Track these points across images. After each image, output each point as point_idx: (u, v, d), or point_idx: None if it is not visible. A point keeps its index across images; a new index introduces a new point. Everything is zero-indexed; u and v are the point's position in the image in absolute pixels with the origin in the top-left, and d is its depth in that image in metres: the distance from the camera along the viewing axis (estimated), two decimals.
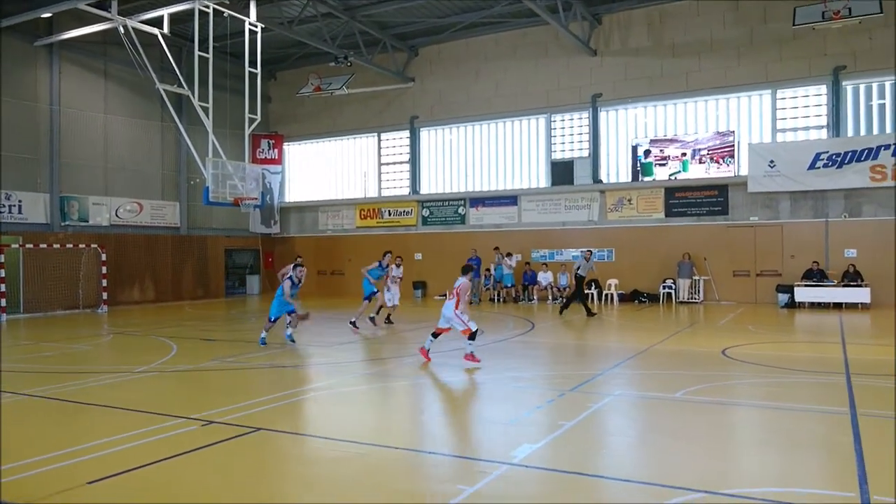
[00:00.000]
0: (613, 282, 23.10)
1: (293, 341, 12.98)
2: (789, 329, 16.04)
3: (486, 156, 26.95)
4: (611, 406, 7.96)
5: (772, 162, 21.30)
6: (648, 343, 13.08)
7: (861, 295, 19.45)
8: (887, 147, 19.87)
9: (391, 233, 28.23)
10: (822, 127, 21.63)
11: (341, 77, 27.07)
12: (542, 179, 25.78)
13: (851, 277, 19.97)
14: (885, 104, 20.94)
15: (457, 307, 10.70)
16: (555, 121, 25.49)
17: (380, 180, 29.12)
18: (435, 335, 11.03)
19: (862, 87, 21.25)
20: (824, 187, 20.83)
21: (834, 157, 20.57)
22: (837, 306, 19.74)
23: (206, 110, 20.74)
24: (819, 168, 20.70)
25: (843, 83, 21.22)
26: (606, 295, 23.23)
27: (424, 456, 6.18)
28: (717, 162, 22.63)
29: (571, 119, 25.22)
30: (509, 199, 26.05)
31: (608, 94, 24.28)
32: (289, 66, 30.14)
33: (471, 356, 10.63)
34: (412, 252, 27.40)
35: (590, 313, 18.43)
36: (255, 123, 22.55)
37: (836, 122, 21.29)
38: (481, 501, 4.89)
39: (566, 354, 12.55)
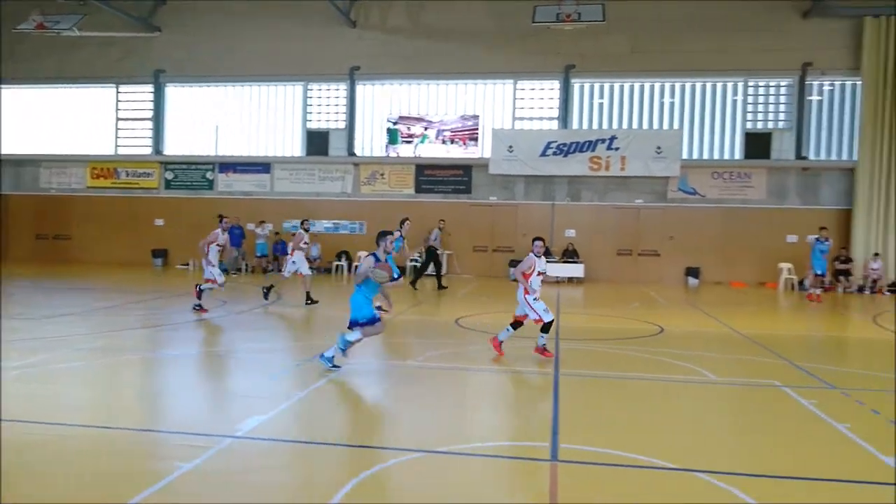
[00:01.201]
0: (363, 254, 23.48)
1: (335, 367, 8.12)
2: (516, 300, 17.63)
3: (238, 119, 25.73)
4: (347, 374, 8.11)
5: (511, 147, 23.14)
6: (389, 313, 13.52)
7: (577, 270, 22.08)
8: (603, 141, 22.63)
9: (128, 195, 25.87)
10: (554, 118, 23.96)
11: (72, 16, 23.93)
12: (296, 148, 25.31)
13: (570, 255, 22.55)
14: (603, 103, 23.82)
15: (526, 292, 9.19)
16: (311, 90, 25.12)
17: (116, 137, 26.43)
18: (514, 325, 9.33)
19: (587, 86, 23.90)
20: (552, 173, 23.17)
21: (561, 146, 22.92)
22: (558, 280, 22.15)
23: None
24: (549, 156, 22.94)
25: (572, 81, 23.68)
26: (356, 267, 23.60)
27: (140, 434, 5.78)
28: (463, 143, 24.06)
29: (328, 89, 25.04)
30: (262, 166, 25.21)
31: (366, 69, 24.46)
32: None
33: (542, 350, 9.15)
34: (152, 217, 25.45)
35: (440, 286, 18.81)
36: None
37: (565, 115, 23.71)
38: (197, 477, 4.71)
39: (309, 324, 12.53)
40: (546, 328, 9.05)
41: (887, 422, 6.41)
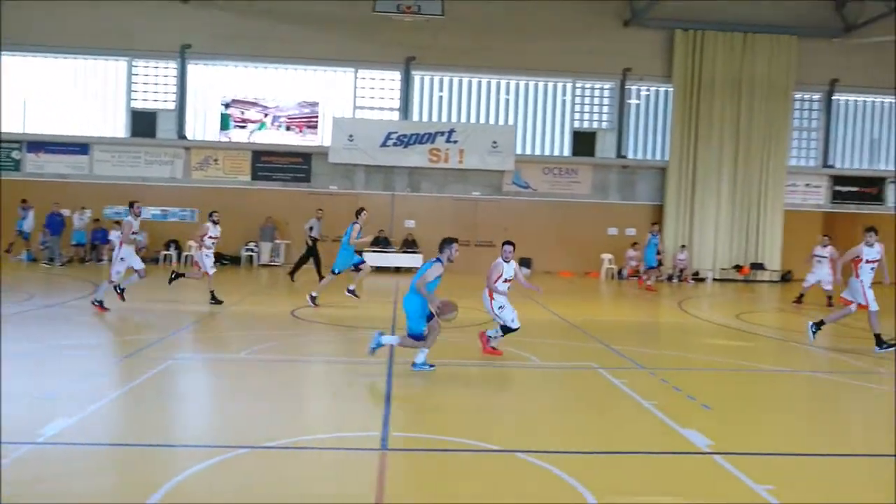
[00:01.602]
0: (194, 243, 22.27)
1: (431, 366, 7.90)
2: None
3: (51, 94, 23.35)
4: (169, 371, 7.67)
5: (351, 136, 22.96)
6: (222, 305, 12.96)
7: (416, 260, 22.36)
8: (442, 134, 23.11)
9: None
10: (395, 109, 24.07)
11: None
12: (119, 129, 23.45)
13: (409, 245, 22.83)
14: (443, 96, 24.30)
15: (491, 297, 8.72)
16: (137, 66, 23.36)
17: None
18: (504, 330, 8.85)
19: (427, 79, 24.23)
20: (393, 164, 23.31)
21: (402, 137, 23.10)
22: (397, 270, 22.36)
23: None
24: (390, 146, 23.05)
25: (413, 72, 23.89)
26: (186, 257, 22.41)
27: None
28: (300, 130, 23.55)
29: (157, 67, 23.41)
30: (79, 146, 23.08)
31: (199, 47, 23.12)
32: None
33: (491, 348, 8.87)
34: None
35: (321, 276, 17.47)
36: None
37: (405, 107, 23.90)
38: None
39: (130, 318, 11.62)
40: (506, 332, 8.81)
41: (686, 397, 7.10)
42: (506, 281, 8.77)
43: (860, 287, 10.23)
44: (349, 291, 13.83)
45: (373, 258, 22.13)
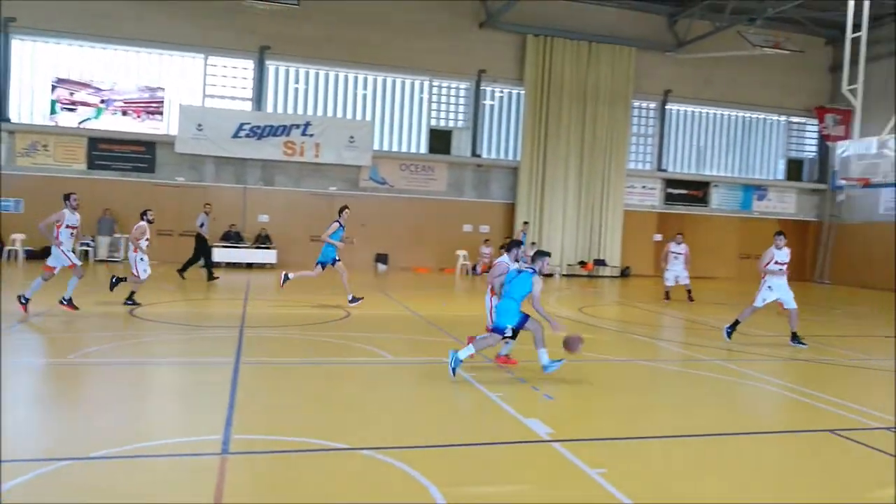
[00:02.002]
0: (20, 237, 20.31)
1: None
2: (203, 287, 16.76)
3: None
4: None
5: (200, 125, 21.87)
6: (53, 304, 11.88)
7: (269, 256, 21.75)
8: (298, 127, 22.60)
9: None
10: (248, 99, 23.21)
11: None
12: None
13: (263, 240, 22.13)
14: (298, 88, 23.74)
15: (493, 293, 8.39)
16: None
17: None
18: (511, 333, 8.03)
19: (282, 69, 23.57)
20: (245, 156, 22.49)
21: (255, 129, 22.33)
22: (250, 266, 21.60)
23: None
24: (242, 137, 22.20)
25: (267, 62, 23.15)
26: (10, 251, 20.37)
27: None
28: (138, 116, 22.10)
29: None
30: None
31: (25, 21, 21.08)
32: None
33: (505, 358, 8.47)
34: None
35: (211, 276, 17.16)
36: None
37: (259, 97, 23.11)
38: None
39: None
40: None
41: (531, 388, 7.38)
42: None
43: (761, 286, 10.85)
44: (351, 301, 13.40)
45: (224, 253, 21.32)
